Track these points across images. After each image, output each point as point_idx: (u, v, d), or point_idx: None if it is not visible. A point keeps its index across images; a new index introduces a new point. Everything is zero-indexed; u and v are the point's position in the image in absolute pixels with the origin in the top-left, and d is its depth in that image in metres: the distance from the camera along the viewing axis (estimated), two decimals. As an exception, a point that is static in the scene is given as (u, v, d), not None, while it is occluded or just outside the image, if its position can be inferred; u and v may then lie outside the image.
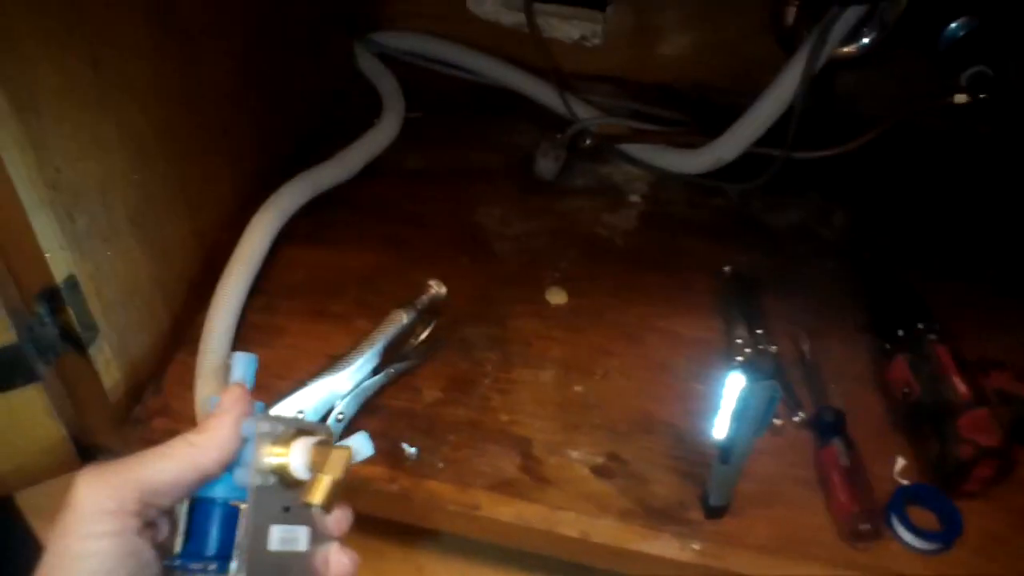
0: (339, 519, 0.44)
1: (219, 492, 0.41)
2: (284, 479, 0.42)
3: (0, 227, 0.54)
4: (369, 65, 1.00)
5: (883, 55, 0.86)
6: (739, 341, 0.73)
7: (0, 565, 0.69)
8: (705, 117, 0.93)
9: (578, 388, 0.71)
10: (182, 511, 0.42)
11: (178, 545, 0.41)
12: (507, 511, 0.63)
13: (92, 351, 0.63)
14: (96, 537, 0.36)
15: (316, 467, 0.41)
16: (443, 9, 1.02)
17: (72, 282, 0.59)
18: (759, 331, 0.73)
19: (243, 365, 0.45)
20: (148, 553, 0.38)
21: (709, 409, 0.68)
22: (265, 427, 0.42)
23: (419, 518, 0.65)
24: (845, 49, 0.85)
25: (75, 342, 0.62)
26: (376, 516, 0.65)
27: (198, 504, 0.42)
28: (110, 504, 0.36)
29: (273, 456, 0.42)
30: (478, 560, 0.71)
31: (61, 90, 0.55)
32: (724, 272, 0.79)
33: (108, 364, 0.65)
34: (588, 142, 0.90)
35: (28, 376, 0.60)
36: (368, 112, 0.95)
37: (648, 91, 0.99)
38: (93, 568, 0.35)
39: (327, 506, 0.41)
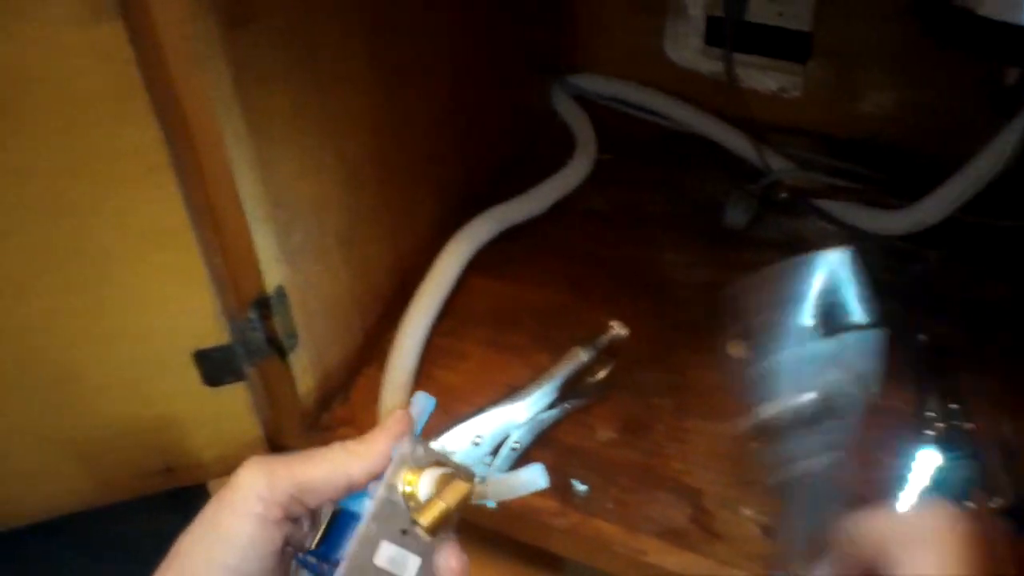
0: (452, 567, 0.44)
1: (361, 507, 0.44)
2: (411, 505, 0.44)
3: (227, 238, 0.59)
4: (565, 106, 1.02)
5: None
6: (931, 414, 0.69)
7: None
8: (903, 177, 0.90)
9: (755, 445, 0.69)
10: (325, 515, 0.44)
11: (313, 543, 0.44)
12: (674, 560, 0.62)
13: (291, 358, 0.67)
14: (243, 515, 0.39)
15: (437, 495, 0.43)
16: (640, 54, 1.04)
17: (282, 292, 0.64)
18: (954, 406, 0.69)
19: (420, 403, 0.48)
20: (279, 542, 0.40)
21: (891, 480, 0.65)
22: (407, 449, 0.44)
23: (584, 555, 0.65)
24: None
25: (278, 348, 0.66)
26: (538, 547, 0.66)
27: (341, 513, 0.45)
28: (264, 490, 0.40)
29: (406, 482, 0.43)
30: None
31: (291, 115, 0.60)
32: (919, 340, 0.75)
33: (304, 371, 0.69)
34: (784, 195, 0.88)
35: (236, 375, 0.65)
36: (559, 152, 0.97)
37: (845, 147, 0.96)
38: (231, 539, 0.39)
39: (431, 530, 0.42)
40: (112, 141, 0.52)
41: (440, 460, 0.45)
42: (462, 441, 0.65)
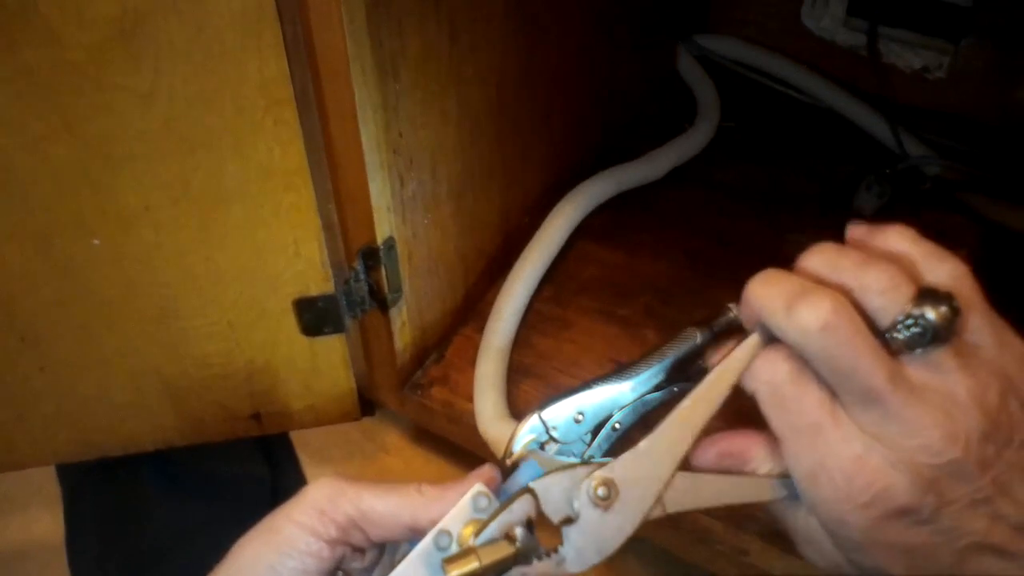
0: None
1: None
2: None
3: (342, 183, 0.56)
4: (689, 68, 0.97)
5: None
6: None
7: (272, 494, 0.73)
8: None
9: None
10: (400, 555, 0.42)
11: (377, 574, 0.43)
12: (778, 565, 0.58)
13: (392, 312, 0.64)
14: (296, 522, 0.39)
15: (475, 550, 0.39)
16: (775, 19, 0.97)
17: (390, 244, 0.61)
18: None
19: (528, 474, 0.45)
20: (328, 561, 0.39)
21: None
22: (482, 502, 0.40)
23: (683, 550, 0.62)
24: None
25: (380, 301, 0.63)
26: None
27: None
28: (326, 504, 0.39)
29: (463, 539, 0.40)
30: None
31: (420, 59, 0.56)
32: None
33: (403, 327, 0.66)
34: (927, 184, 0.82)
35: (336, 326, 0.62)
36: (682, 116, 0.91)
37: (994, 136, 0.89)
38: (279, 543, 0.39)
39: None
40: (238, 71, 0.49)
41: (507, 531, 0.41)
42: (563, 415, 0.62)
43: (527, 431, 0.60)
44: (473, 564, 0.38)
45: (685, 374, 0.66)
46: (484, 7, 0.61)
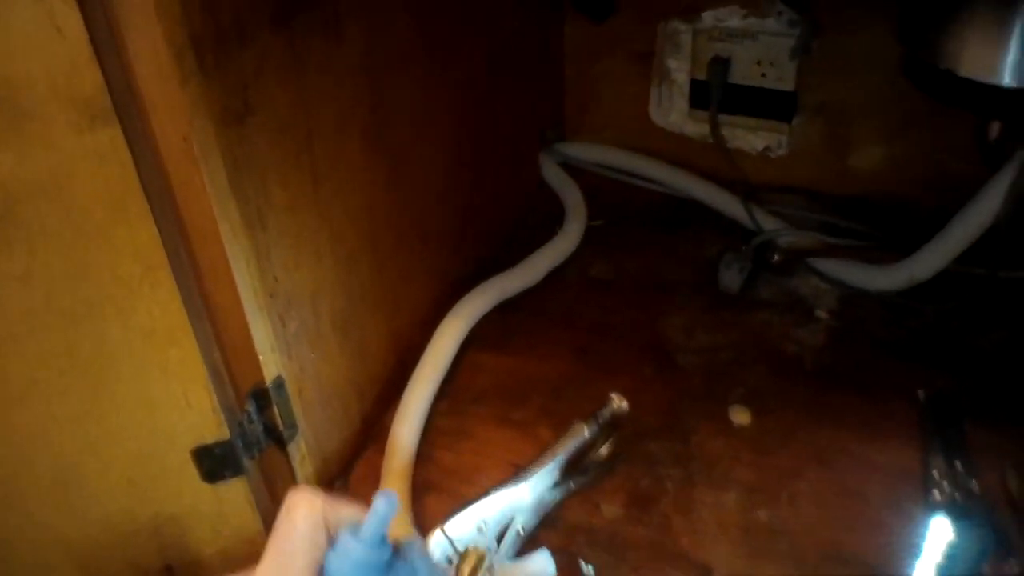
0: None
1: None
2: None
3: (225, 331, 0.58)
4: (553, 174, 1.03)
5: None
6: (935, 473, 0.68)
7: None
8: (898, 232, 0.90)
9: (763, 513, 0.68)
10: None
11: None
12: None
13: (290, 448, 0.66)
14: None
15: None
16: (627, 120, 1.05)
17: (279, 382, 0.63)
18: (959, 463, 0.69)
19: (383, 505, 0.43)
20: None
21: (905, 544, 0.64)
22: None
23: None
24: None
25: (277, 439, 0.65)
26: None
27: None
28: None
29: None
30: None
31: (286, 207, 0.59)
32: (921, 395, 0.75)
33: (303, 460, 0.68)
34: (776, 257, 0.88)
35: (236, 469, 0.64)
36: (551, 221, 0.97)
37: (836, 203, 0.97)
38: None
39: None
40: (110, 243, 0.51)
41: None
42: (466, 526, 0.64)
43: (434, 547, 0.62)
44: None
45: (580, 468, 0.70)
46: (343, 151, 0.65)
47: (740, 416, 0.76)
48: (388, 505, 0.41)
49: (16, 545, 0.62)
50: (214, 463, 0.63)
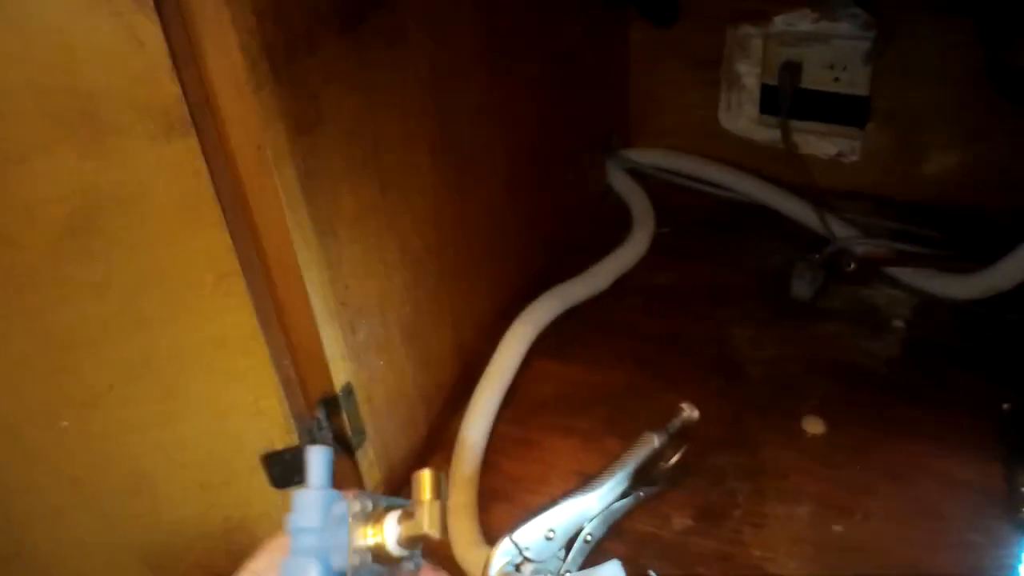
0: None
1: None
2: (378, 557, 0.43)
3: (295, 339, 0.59)
4: (620, 181, 1.02)
5: None
6: (1023, 491, 0.66)
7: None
8: (971, 239, 0.87)
9: (837, 528, 0.66)
10: None
11: None
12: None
13: (359, 454, 0.66)
14: None
15: (409, 536, 0.42)
16: (695, 125, 1.03)
17: (348, 389, 0.63)
18: (1045, 480, 0.66)
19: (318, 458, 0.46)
20: None
21: (993, 565, 0.62)
22: (357, 506, 0.42)
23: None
24: None
25: (346, 446, 0.65)
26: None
27: None
28: None
29: (368, 536, 0.43)
30: None
31: (356, 216, 0.60)
32: (1003, 410, 0.72)
33: (371, 467, 0.68)
34: (852, 265, 0.86)
35: (304, 477, 0.64)
36: (617, 228, 0.96)
37: (908, 210, 0.94)
38: None
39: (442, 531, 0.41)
40: (184, 252, 0.52)
41: (391, 504, 0.45)
42: (534, 535, 0.64)
43: (501, 555, 0.62)
44: (436, 506, 0.42)
45: (648, 478, 0.69)
46: (409, 159, 0.65)
47: (814, 426, 0.74)
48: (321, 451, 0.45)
49: (90, 546, 0.63)
50: (284, 469, 0.63)
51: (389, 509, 0.45)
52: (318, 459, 0.45)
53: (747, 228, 0.97)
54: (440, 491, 0.42)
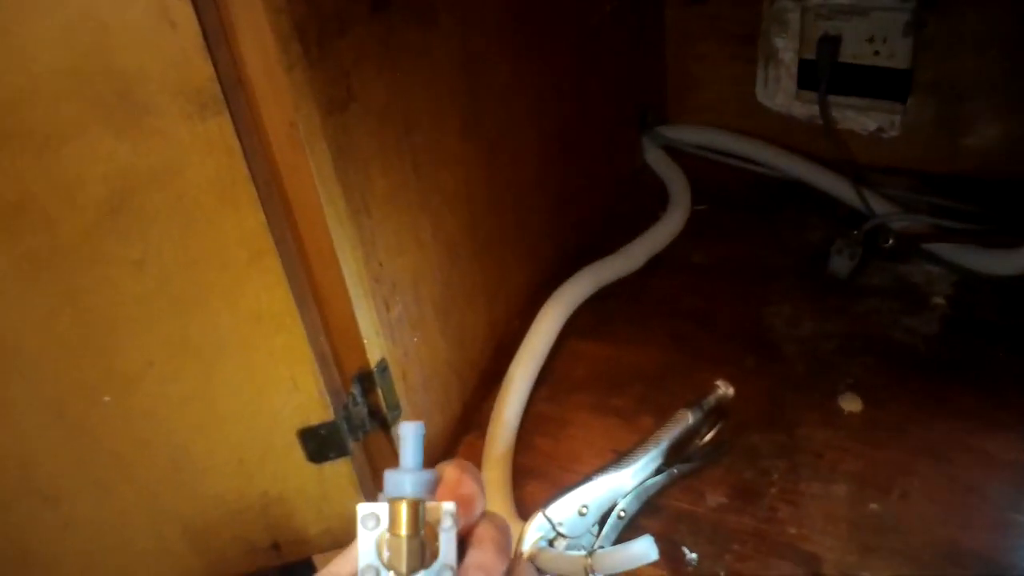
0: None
1: None
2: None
3: (330, 315, 0.60)
4: (656, 158, 1.01)
5: None
6: (1065, 470, 0.65)
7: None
8: (1016, 214, 0.86)
9: (874, 506, 0.66)
10: None
11: None
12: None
13: (394, 430, 0.67)
14: None
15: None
16: (731, 102, 1.02)
17: (383, 366, 0.64)
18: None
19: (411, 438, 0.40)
20: None
21: (1031, 545, 0.61)
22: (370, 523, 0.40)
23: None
24: None
25: (381, 421, 0.66)
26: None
27: None
28: None
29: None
30: None
31: (388, 194, 0.60)
32: (1045, 388, 0.71)
33: (406, 443, 0.69)
34: (890, 242, 0.85)
35: (340, 450, 0.65)
36: (654, 204, 0.96)
37: (949, 185, 0.93)
38: None
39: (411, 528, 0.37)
40: (219, 230, 0.53)
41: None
42: (568, 511, 0.64)
43: (535, 530, 0.62)
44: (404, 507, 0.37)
45: (682, 455, 0.69)
46: (440, 138, 0.65)
47: (851, 404, 0.73)
48: (414, 428, 0.40)
49: (133, 518, 0.65)
50: (320, 444, 0.64)
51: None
52: (411, 436, 0.40)
53: (784, 205, 0.96)
54: (419, 526, 0.38)
